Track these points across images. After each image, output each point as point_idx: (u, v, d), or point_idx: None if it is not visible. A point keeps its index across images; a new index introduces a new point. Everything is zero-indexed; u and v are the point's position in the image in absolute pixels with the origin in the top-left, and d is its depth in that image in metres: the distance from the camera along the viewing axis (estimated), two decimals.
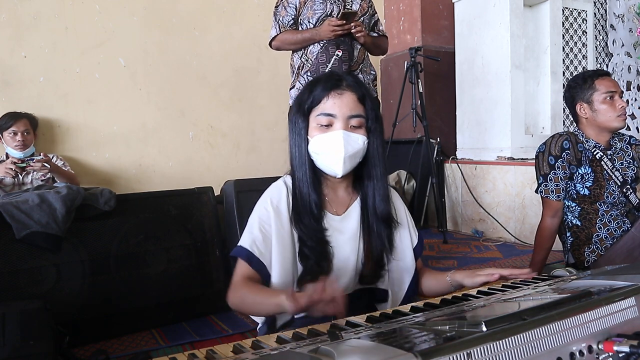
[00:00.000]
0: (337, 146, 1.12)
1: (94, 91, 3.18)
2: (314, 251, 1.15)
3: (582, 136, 2.02)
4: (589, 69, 3.59)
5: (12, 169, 2.49)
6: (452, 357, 0.53)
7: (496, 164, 3.40)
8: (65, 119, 3.10)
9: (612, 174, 1.96)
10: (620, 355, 0.63)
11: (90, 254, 1.85)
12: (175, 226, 2.06)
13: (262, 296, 1.06)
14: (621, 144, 2.04)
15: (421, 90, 3.35)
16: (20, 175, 2.57)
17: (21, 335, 1.31)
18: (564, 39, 3.72)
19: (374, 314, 0.91)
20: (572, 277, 1.02)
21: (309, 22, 2.36)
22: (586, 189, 1.99)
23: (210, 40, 3.58)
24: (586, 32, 3.88)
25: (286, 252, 1.14)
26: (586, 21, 3.88)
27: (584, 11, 3.86)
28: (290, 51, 2.48)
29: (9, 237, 1.70)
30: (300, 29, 2.40)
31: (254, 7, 3.73)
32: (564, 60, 3.72)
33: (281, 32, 2.41)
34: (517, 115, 3.42)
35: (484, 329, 0.58)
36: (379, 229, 1.20)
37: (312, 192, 1.16)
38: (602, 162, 1.96)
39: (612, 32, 3.95)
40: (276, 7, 2.45)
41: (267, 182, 1.25)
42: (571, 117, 2.15)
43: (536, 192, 2.07)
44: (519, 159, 3.37)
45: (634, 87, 3.97)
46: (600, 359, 0.64)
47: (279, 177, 1.25)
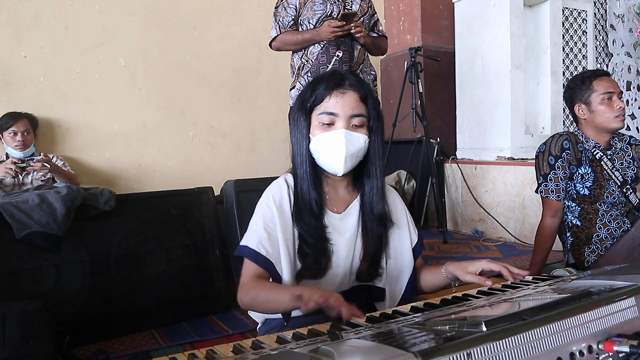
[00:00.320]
0: (339, 145, 1.12)
1: (94, 91, 3.18)
2: (314, 248, 1.15)
3: (582, 136, 2.02)
4: (588, 69, 3.59)
5: (12, 169, 2.49)
6: (452, 357, 0.53)
7: (496, 164, 3.40)
8: (65, 119, 3.10)
9: (612, 174, 1.96)
10: (620, 355, 0.63)
11: (90, 254, 1.85)
12: (175, 226, 2.06)
13: (275, 293, 1.06)
14: (621, 144, 2.04)
15: (421, 90, 3.35)
16: (20, 175, 2.57)
17: (21, 335, 1.31)
18: (564, 39, 3.72)
19: (374, 314, 0.92)
20: (572, 277, 1.02)
21: (309, 22, 2.36)
22: (586, 189, 1.99)
23: (210, 40, 3.58)
24: (586, 32, 3.88)
25: (291, 249, 1.15)
26: (586, 21, 3.88)
27: (584, 11, 3.86)
28: (290, 52, 2.49)
29: (9, 237, 1.70)
30: (300, 29, 2.40)
31: (254, 7, 3.73)
32: (564, 60, 3.72)
33: (281, 33, 2.41)
34: (517, 115, 3.42)
35: (484, 329, 0.58)
36: (375, 228, 1.21)
37: (312, 190, 1.17)
38: (602, 162, 1.96)
39: (612, 32, 3.95)
40: (276, 7, 2.45)
41: (267, 182, 1.25)
42: (571, 117, 2.15)
43: (536, 192, 2.07)
44: (519, 159, 3.37)
45: (634, 87, 3.97)
46: (600, 359, 0.64)
47: (279, 177, 1.26)
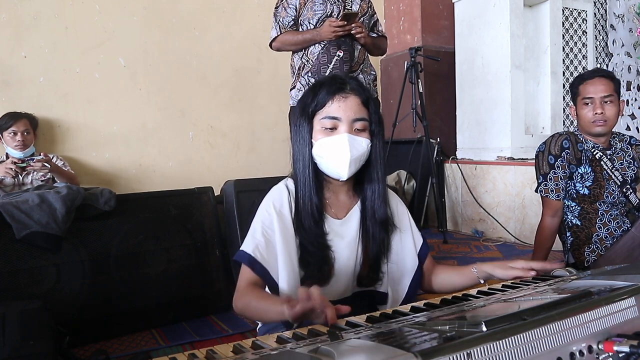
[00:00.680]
0: (343, 149, 1.11)
1: (94, 91, 3.18)
2: (315, 256, 1.14)
3: (582, 136, 2.02)
4: (589, 69, 3.59)
5: (12, 169, 2.49)
6: (452, 357, 0.53)
7: (496, 164, 3.40)
8: (65, 119, 3.10)
9: (611, 174, 1.96)
10: (620, 355, 0.63)
11: (90, 254, 1.85)
12: (175, 226, 2.06)
13: (265, 303, 1.05)
14: (621, 144, 2.05)
15: (421, 90, 3.35)
16: (20, 175, 2.57)
17: (21, 335, 1.31)
18: (564, 39, 3.72)
19: (374, 314, 0.91)
20: (572, 277, 1.02)
21: (309, 22, 2.35)
22: (586, 189, 1.99)
23: (210, 40, 3.58)
24: (586, 32, 3.88)
25: (292, 256, 1.14)
26: (586, 21, 3.88)
27: (584, 11, 3.86)
28: (290, 52, 2.49)
29: (9, 237, 1.70)
30: (300, 29, 2.40)
31: (254, 7, 3.73)
32: (564, 60, 3.72)
33: (282, 33, 2.40)
34: (517, 115, 3.42)
35: (484, 329, 0.58)
36: (377, 232, 1.20)
37: (314, 195, 1.16)
38: (602, 162, 1.97)
39: (612, 32, 3.95)
40: (276, 8, 2.45)
41: (267, 182, 1.25)
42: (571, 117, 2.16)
43: (536, 191, 2.07)
44: (519, 159, 3.37)
45: (634, 87, 3.96)
46: (600, 359, 0.64)
47: (278, 177, 1.25)
